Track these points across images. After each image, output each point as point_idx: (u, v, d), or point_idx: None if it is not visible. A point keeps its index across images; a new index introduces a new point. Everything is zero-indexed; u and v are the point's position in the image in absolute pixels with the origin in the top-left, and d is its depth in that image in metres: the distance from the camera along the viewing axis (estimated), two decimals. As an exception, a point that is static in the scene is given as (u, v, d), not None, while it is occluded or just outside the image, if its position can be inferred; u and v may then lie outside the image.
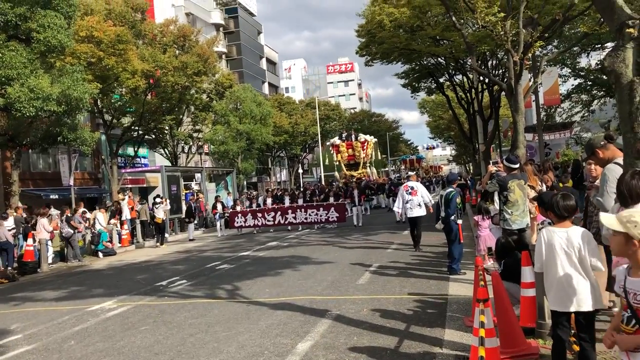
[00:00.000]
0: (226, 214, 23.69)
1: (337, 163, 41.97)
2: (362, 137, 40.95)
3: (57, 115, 14.96)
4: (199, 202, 26.69)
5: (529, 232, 8.10)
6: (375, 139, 44.85)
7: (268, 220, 22.09)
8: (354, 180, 33.46)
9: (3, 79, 13.51)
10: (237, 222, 22.77)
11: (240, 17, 65.16)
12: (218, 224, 23.49)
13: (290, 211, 21.86)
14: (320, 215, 21.18)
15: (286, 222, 21.87)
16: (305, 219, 21.46)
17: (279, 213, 22.00)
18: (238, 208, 23.77)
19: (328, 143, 45.62)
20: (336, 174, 42.38)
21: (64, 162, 23.55)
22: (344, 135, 41.95)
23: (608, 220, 2.82)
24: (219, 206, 23.96)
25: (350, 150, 39.96)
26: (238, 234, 22.53)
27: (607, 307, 6.17)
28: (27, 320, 8.78)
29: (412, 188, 13.31)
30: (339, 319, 7.09)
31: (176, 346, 6.51)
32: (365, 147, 39.86)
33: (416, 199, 13.09)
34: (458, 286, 8.56)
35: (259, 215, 22.40)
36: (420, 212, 13.13)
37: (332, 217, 21.03)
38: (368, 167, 40.87)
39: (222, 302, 8.91)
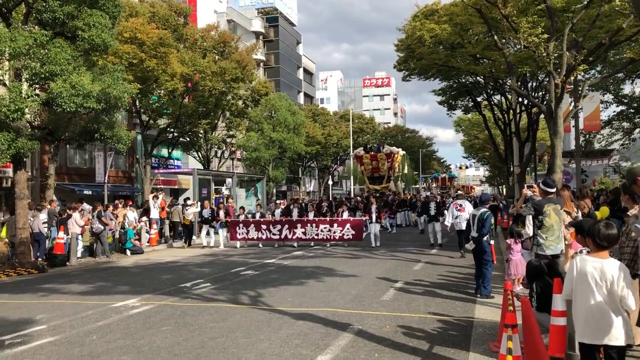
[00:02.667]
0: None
1: (361, 175, 39.71)
2: (387, 148, 38.24)
3: (95, 113, 15.23)
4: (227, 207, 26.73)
5: (562, 259, 7.85)
6: (404, 152, 43.05)
7: (274, 234, 19.59)
8: (377, 194, 31.15)
9: (47, 74, 13.83)
10: (239, 234, 20.03)
11: (280, 26, 65.82)
12: (220, 233, 20.49)
13: (300, 225, 19.41)
14: (334, 232, 18.91)
15: (294, 237, 19.39)
16: (317, 235, 19.13)
17: (286, 226, 19.58)
18: (241, 218, 20.73)
19: (351, 154, 43.42)
20: (365, 186, 40.94)
21: (100, 159, 24.11)
22: (368, 146, 39.26)
23: None
24: (222, 213, 20.76)
25: (374, 163, 37.31)
26: (240, 247, 19.89)
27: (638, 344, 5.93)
28: (52, 312, 8.90)
29: (460, 205, 15.35)
30: (361, 334, 6.97)
31: (196, 349, 6.48)
32: (391, 160, 37.20)
33: (464, 215, 14.47)
34: (485, 309, 8.35)
35: (264, 227, 19.78)
36: None
37: (348, 235, 18.79)
38: (397, 181, 39.47)
39: (244, 307, 8.87)
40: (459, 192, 30.14)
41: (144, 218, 20.50)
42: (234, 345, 6.58)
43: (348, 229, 18.79)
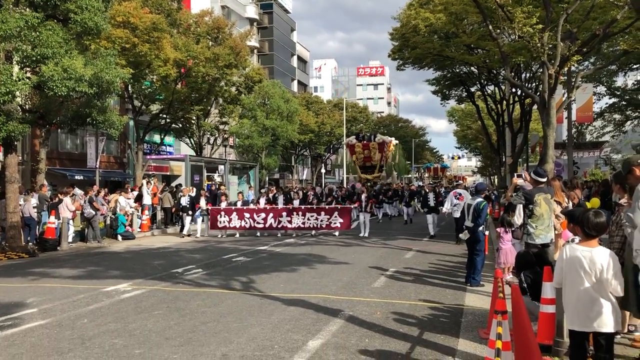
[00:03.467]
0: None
1: (352, 164, 39.18)
2: (379, 137, 37.57)
3: (87, 97, 15.11)
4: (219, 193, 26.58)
5: (552, 248, 7.92)
6: (397, 141, 42.63)
7: (257, 223, 18.73)
8: (368, 183, 31.00)
9: (38, 57, 13.70)
10: (220, 222, 19.06)
11: (274, 13, 65.39)
12: (199, 221, 19.48)
13: (285, 214, 18.64)
14: (321, 220, 18.18)
15: (279, 226, 18.70)
16: (303, 223, 18.41)
17: (270, 215, 18.75)
18: (223, 205, 19.60)
19: (343, 142, 42.36)
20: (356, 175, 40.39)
21: (91, 144, 23.91)
22: (360, 135, 38.74)
23: None
24: (202, 201, 19.61)
25: (366, 152, 36.57)
26: (221, 238, 18.81)
27: (627, 331, 6.01)
28: (43, 295, 8.88)
29: (460, 194, 15.78)
30: (352, 320, 7.01)
31: (187, 333, 6.50)
32: (383, 149, 36.56)
33: (462, 204, 14.39)
34: (475, 297, 8.42)
35: (247, 215, 18.88)
36: None
37: (335, 223, 18.15)
38: (392, 171, 39.33)
39: (236, 293, 8.90)
40: (460, 181, 30.09)
41: (134, 204, 20.41)
42: (226, 330, 6.60)
43: (336, 217, 18.18)
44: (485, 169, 76.50)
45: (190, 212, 19.56)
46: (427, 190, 19.55)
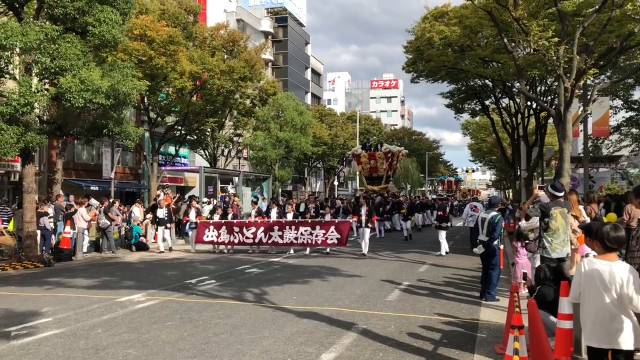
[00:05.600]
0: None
1: (358, 175, 37.63)
2: (386, 147, 35.63)
3: (104, 108, 15.28)
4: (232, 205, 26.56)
5: (568, 263, 7.82)
6: (407, 151, 41.14)
7: (247, 237, 17.30)
8: (374, 195, 28.71)
9: (57, 69, 13.90)
10: (208, 236, 17.88)
11: (289, 26, 65.87)
12: (191, 235, 18.74)
13: (277, 228, 17.13)
14: (316, 236, 16.59)
15: (269, 242, 17.14)
16: (295, 239, 16.79)
17: (261, 229, 17.24)
18: (216, 217, 18.63)
19: (349, 152, 40.52)
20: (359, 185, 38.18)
21: (107, 155, 24.17)
22: (367, 144, 37.24)
23: None
24: (192, 213, 18.94)
25: (372, 162, 34.76)
26: (211, 251, 17.99)
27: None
28: (57, 305, 8.93)
29: (475, 207, 17.82)
30: (365, 334, 6.96)
31: (200, 344, 6.49)
32: (390, 160, 34.60)
33: (477, 215, 14.78)
34: (490, 312, 8.32)
35: (236, 229, 17.52)
36: None
37: (332, 239, 16.46)
38: (400, 183, 37.55)
39: (249, 305, 8.88)
40: (475, 196, 29.40)
41: (148, 216, 20.50)
42: (239, 342, 6.58)
43: (332, 232, 16.53)
44: (499, 182, 75.92)
45: (168, 225, 18.47)
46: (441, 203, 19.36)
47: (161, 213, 18.32)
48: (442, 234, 16.52)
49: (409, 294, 9.89)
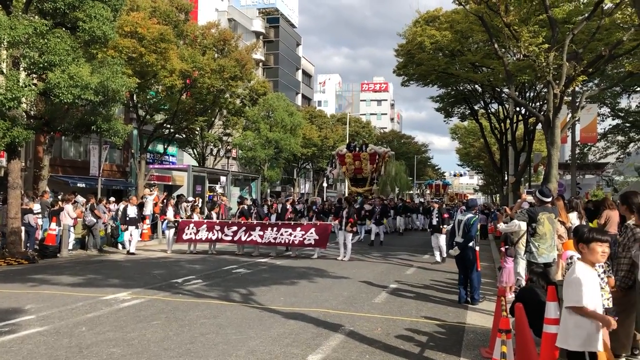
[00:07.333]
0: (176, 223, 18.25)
1: (343, 176, 36.35)
2: (371, 147, 34.53)
3: (93, 105, 15.13)
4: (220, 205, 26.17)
5: (554, 268, 7.86)
6: (392, 152, 40.05)
7: (226, 235, 17.09)
8: (358, 197, 27.54)
9: (45, 64, 13.75)
10: (186, 234, 17.48)
11: (280, 27, 65.86)
12: (168, 235, 18.39)
13: (258, 228, 16.92)
14: (294, 236, 16.38)
15: (248, 240, 16.89)
16: (274, 239, 16.56)
17: (242, 229, 17.03)
18: (195, 217, 18.38)
19: (334, 152, 39.23)
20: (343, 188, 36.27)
21: (95, 152, 23.98)
22: (352, 144, 35.79)
23: None
24: (170, 212, 18.63)
25: (357, 163, 33.51)
26: (188, 252, 17.47)
27: (632, 353, 5.93)
28: (41, 302, 8.82)
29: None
30: (352, 335, 6.94)
31: (186, 344, 6.44)
32: (375, 161, 33.51)
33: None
34: (476, 316, 8.35)
35: (217, 228, 17.34)
36: None
37: (309, 240, 16.21)
38: (387, 186, 36.39)
39: (235, 305, 8.83)
40: (465, 199, 28.57)
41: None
42: (225, 342, 6.54)
43: (311, 233, 16.26)
44: (487, 187, 76.41)
45: (138, 225, 17.76)
46: (431, 206, 17.73)
47: (132, 212, 17.30)
48: (442, 239, 15.39)
49: (396, 296, 9.90)
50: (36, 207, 16.43)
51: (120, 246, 18.12)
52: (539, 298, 5.92)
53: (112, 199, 20.10)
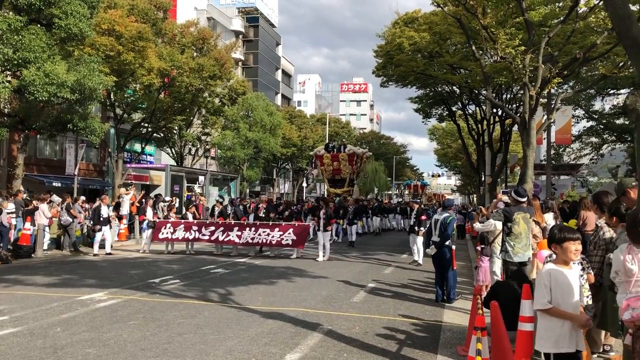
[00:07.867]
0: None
1: (320, 177, 35.83)
2: (350, 148, 34.13)
3: (69, 103, 14.98)
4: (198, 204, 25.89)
5: (529, 267, 7.98)
6: (370, 153, 39.90)
7: (203, 235, 17.05)
8: (336, 198, 27.26)
9: (20, 61, 13.54)
10: (163, 234, 17.35)
11: (260, 26, 65.64)
12: (144, 235, 18.04)
13: (236, 228, 16.85)
14: (272, 237, 16.34)
15: (226, 240, 16.84)
16: (252, 239, 16.52)
17: (220, 229, 16.98)
18: (172, 217, 18.38)
19: (311, 153, 38.69)
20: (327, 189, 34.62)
21: (71, 151, 23.62)
22: (330, 145, 35.39)
23: None
24: (149, 212, 18.41)
25: (335, 163, 33.01)
26: (165, 252, 17.31)
27: (602, 350, 6.06)
28: (15, 303, 8.68)
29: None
30: (330, 334, 6.97)
31: (163, 344, 6.39)
32: (354, 162, 33.04)
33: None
34: (453, 314, 8.44)
35: (194, 227, 17.27)
36: None
37: (287, 240, 16.22)
38: (367, 187, 36.17)
39: (213, 305, 8.79)
40: (445, 198, 28.51)
41: (112, 212, 20.07)
42: (202, 342, 6.51)
43: (289, 233, 16.31)
44: (464, 187, 77.15)
45: (111, 225, 17.55)
46: (409, 206, 18.28)
47: (105, 212, 16.87)
48: (419, 240, 15.08)
49: (374, 295, 9.96)
50: (10, 206, 16.11)
51: (96, 246, 17.85)
52: (514, 293, 6.02)
53: (82, 197, 19.78)
